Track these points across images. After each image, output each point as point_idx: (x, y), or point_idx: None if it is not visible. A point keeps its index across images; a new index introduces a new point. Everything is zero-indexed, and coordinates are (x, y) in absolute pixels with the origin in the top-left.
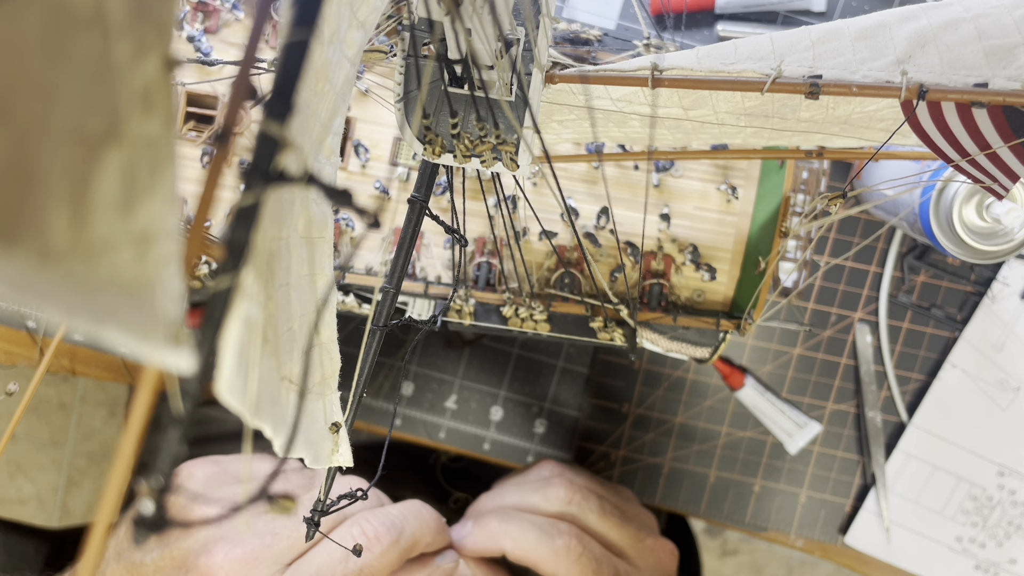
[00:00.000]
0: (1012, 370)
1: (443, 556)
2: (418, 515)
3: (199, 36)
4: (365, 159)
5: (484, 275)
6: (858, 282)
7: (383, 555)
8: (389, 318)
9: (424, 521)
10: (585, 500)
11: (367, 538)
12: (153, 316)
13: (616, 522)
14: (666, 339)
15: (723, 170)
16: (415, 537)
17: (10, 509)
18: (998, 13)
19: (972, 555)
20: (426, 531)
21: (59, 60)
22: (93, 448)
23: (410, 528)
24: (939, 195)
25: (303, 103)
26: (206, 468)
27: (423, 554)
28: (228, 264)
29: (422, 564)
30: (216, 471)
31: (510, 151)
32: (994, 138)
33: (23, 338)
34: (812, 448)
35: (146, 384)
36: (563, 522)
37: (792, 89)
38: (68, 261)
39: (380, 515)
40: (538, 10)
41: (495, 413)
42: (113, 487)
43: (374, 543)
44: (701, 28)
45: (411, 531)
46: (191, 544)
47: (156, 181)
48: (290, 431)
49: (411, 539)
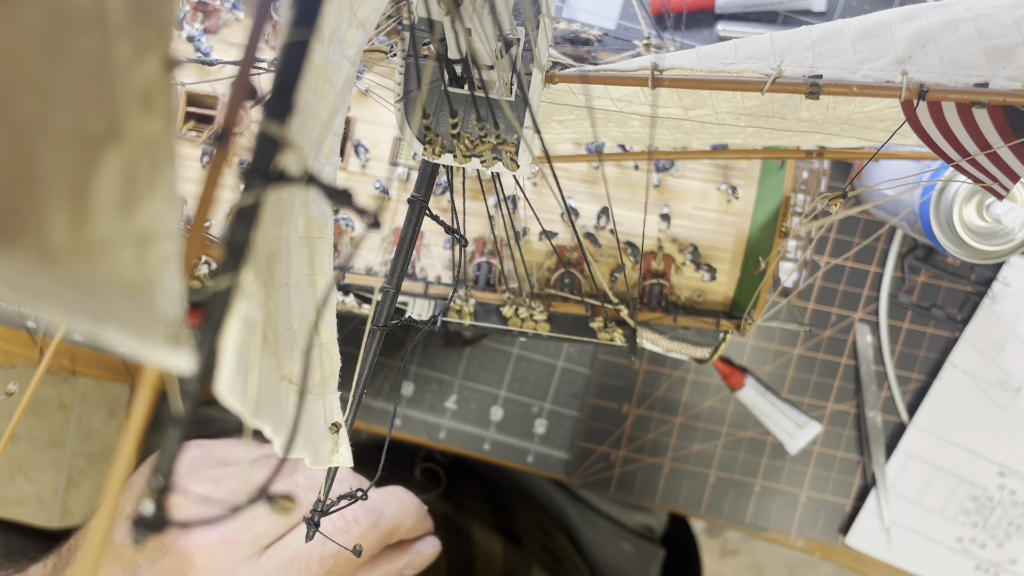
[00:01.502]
0: (1013, 370)
1: (423, 542)
2: (399, 500)
3: (199, 36)
4: (365, 159)
5: (484, 275)
6: (858, 282)
7: (361, 538)
8: (389, 318)
9: (404, 506)
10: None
11: (345, 521)
12: (153, 316)
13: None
14: (666, 339)
15: (723, 170)
16: (395, 522)
17: (10, 509)
18: (998, 13)
19: (972, 555)
20: (406, 516)
21: (59, 60)
22: (93, 448)
23: (390, 513)
24: (939, 195)
25: (303, 103)
26: (191, 452)
27: (403, 540)
28: (228, 264)
29: (401, 550)
30: (200, 455)
31: (510, 151)
32: (994, 138)
33: (23, 338)
34: (812, 448)
35: (146, 384)
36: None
37: (792, 89)
38: (68, 261)
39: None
40: (538, 10)
41: (495, 413)
42: (113, 487)
43: (352, 526)
44: (701, 28)
45: (391, 516)
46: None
47: (156, 181)
48: (290, 431)
49: (391, 524)
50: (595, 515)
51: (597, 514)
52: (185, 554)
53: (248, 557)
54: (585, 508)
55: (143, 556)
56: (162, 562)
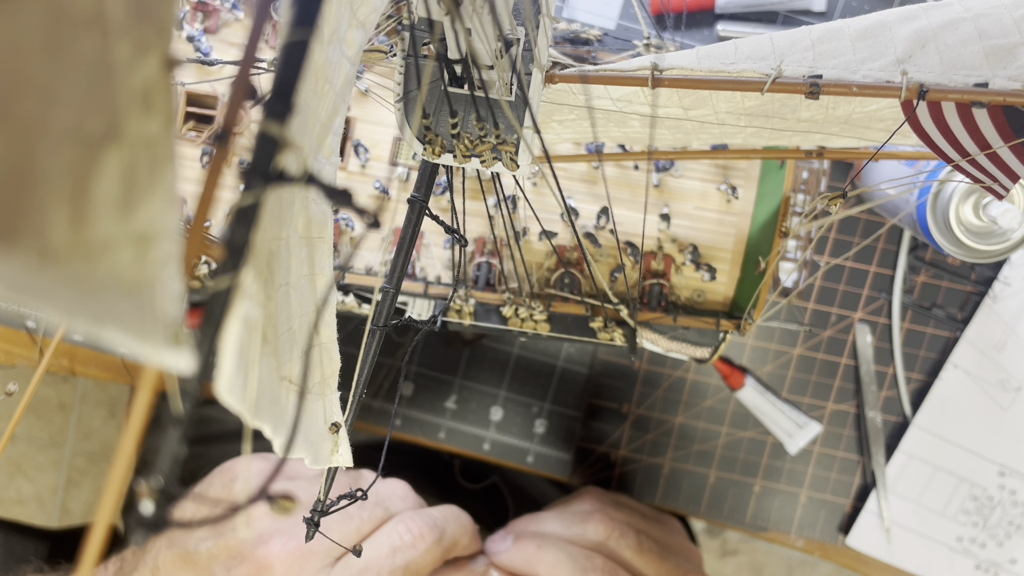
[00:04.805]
0: (1013, 370)
1: (476, 561)
2: (457, 519)
3: (199, 36)
4: (365, 159)
5: (484, 275)
6: (858, 282)
7: (427, 553)
8: (389, 318)
9: (462, 525)
10: (623, 536)
11: (412, 536)
12: (153, 316)
13: (653, 558)
14: (666, 339)
15: (723, 170)
16: (454, 539)
17: (10, 509)
18: (998, 13)
19: (972, 555)
20: (463, 534)
21: (59, 60)
22: (93, 448)
23: (451, 530)
24: (936, 194)
25: (303, 103)
26: (258, 464)
27: (457, 557)
28: (228, 264)
29: (457, 567)
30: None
31: (510, 151)
32: (994, 138)
33: (23, 338)
34: (812, 448)
35: (146, 384)
36: (598, 556)
37: (792, 89)
38: (68, 261)
39: (424, 515)
40: (538, 10)
41: (495, 413)
42: (113, 487)
43: (419, 540)
44: (701, 28)
45: (451, 533)
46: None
47: (156, 181)
48: (290, 431)
49: (451, 540)
50: None
51: None
52: (264, 563)
53: (322, 568)
54: None
55: (218, 563)
56: (238, 570)
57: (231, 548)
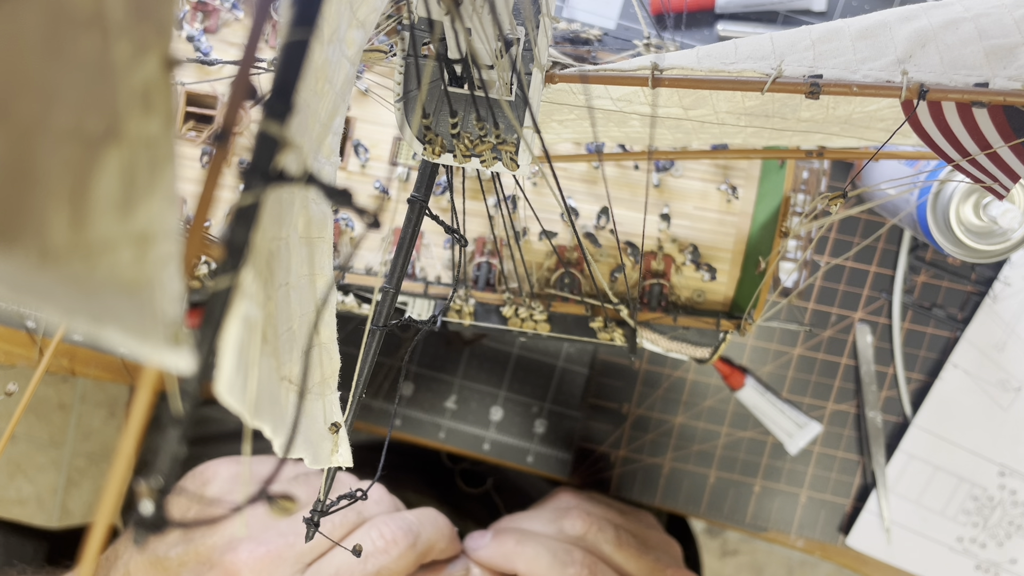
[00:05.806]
0: (1013, 370)
1: (454, 564)
2: (433, 522)
3: (199, 36)
4: (365, 159)
5: (484, 275)
6: (858, 282)
7: (400, 558)
8: (389, 318)
9: (439, 528)
10: (601, 531)
11: (385, 540)
12: (153, 316)
13: (632, 552)
14: (666, 339)
15: (723, 170)
16: (430, 543)
17: (10, 509)
18: (999, 13)
19: (973, 555)
20: (440, 538)
21: (58, 60)
22: (93, 448)
23: (426, 534)
24: (936, 194)
25: (303, 103)
26: (230, 468)
27: (435, 561)
28: (228, 264)
29: (434, 571)
30: (238, 471)
31: (510, 151)
32: (994, 138)
33: (23, 338)
34: (812, 448)
35: (146, 384)
36: (577, 549)
37: (792, 89)
38: (67, 261)
39: (397, 519)
40: (538, 10)
41: (495, 413)
42: (113, 487)
43: (391, 546)
44: (701, 28)
45: (427, 536)
46: (216, 541)
47: (156, 181)
48: (290, 431)
49: (426, 544)
50: None
51: None
52: (232, 569)
53: (293, 574)
54: None
55: (187, 569)
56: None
57: (200, 554)
